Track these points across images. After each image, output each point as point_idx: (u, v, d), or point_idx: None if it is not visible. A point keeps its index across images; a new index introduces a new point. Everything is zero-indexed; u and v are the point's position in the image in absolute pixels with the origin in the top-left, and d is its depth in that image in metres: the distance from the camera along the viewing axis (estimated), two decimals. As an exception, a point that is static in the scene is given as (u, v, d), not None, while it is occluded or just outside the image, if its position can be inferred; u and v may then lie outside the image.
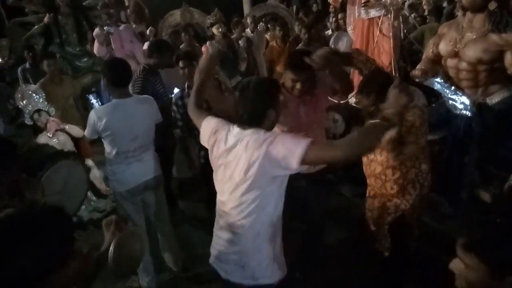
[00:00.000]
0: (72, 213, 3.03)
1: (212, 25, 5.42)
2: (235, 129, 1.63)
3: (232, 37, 5.60)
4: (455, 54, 2.84)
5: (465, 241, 0.98)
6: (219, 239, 1.73)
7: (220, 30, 5.26)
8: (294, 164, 1.45)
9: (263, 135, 1.54)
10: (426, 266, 2.52)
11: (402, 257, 2.43)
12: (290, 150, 1.45)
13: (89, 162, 3.82)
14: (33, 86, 3.90)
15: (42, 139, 3.50)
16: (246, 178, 1.54)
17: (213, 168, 1.73)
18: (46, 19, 5.09)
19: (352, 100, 3.94)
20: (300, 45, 4.62)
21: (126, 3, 6.48)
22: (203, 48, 5.28)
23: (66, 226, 1.10)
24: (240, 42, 5.51)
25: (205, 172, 3.19)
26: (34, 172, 2.70)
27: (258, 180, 1.54)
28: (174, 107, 3.09)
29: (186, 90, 3.05)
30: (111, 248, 1.30)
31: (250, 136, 1.55)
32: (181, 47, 5.07)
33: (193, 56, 3.17)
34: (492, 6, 2.61)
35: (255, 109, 1.58)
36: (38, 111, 3.62)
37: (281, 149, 1.47)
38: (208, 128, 1.74)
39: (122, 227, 1.40)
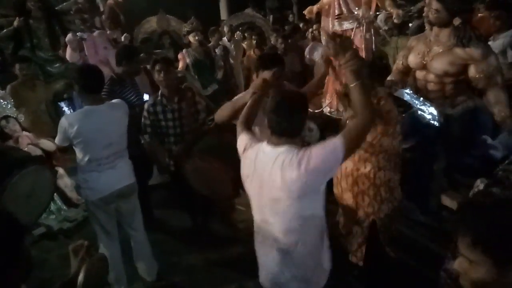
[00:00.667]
0: (37, 217, 2.92)
1: (188, 33, 5.42)
2: (266, 148, 1.64)
3: (209, 45, 5.62)
4: (423, 67, 2.97)
5: (470, 238, 0.98)
6: (272, 263, 1.71)
7: (196, 38, 5.26)
8: (338, 164, 1.57)
9: (297, 154, 1.55)
10: (398, 272, 2.56)
11: (379, 264, 2.50)
12: (329, 157, 1.54)
13: (60, 170, 3.71)
14: (0, 92, 3.77)
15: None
16: (291, 196, 1.56)
17: (245, 186, 1.75)
18: (16, 23, 4.94)
19: (326, 109, 4.02)
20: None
21: (101, 9, 6.38)
22: (180, 56, 5.27)
23: (7, 232, 1.05)
24: (216, 50, 5.54)
25: (177, 179, 3.14)
26: (1, 179, 2.59)
27: (304, 194, 1.57)
28: (145, 113, 3.01)
29: (159, 97, 2.97)
30: (81, 275, 1.24)
31: (285, 154, 1.56)
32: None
33: (171, 62, 3.14)
34: (457, 22, 2.75)
35: (295, 121, 1.63)
36: (6, 117, 3.50)
37: (321, 161, 1.53)
38: (241, 145, 1.77)
39: (92, 253, 1.35)
